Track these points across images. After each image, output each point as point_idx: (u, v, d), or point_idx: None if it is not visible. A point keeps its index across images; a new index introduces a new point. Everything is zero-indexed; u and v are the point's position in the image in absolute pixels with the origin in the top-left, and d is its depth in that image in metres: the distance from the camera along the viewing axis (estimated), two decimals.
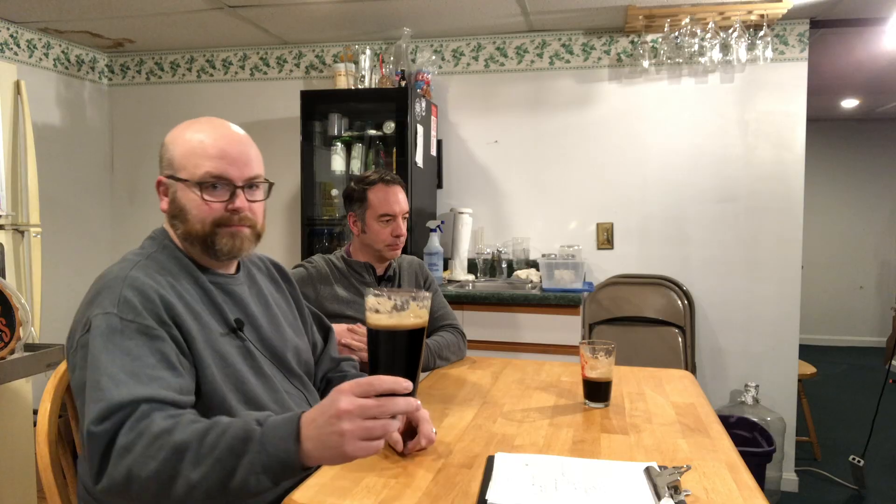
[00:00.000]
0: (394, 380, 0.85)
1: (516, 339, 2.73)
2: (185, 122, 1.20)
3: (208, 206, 1.13)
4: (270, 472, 0.84)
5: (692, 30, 2.90)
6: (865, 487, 3.03)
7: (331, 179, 3.19)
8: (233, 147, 1.15)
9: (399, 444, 1.13)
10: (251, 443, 0.84)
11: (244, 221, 1.16)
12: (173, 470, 0.85)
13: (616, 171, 3.19)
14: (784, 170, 3.03)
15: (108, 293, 1.04)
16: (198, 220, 1.13)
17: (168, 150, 1.17)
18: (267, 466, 0.83)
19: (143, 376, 0.95)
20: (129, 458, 0.87)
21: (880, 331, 6.22)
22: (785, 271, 3.04)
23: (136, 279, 1.05)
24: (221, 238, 1.14)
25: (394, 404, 0.84)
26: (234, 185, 1.14)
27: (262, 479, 0.84)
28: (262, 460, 0.83)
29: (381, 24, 3.16)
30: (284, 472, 0.84)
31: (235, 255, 1.18)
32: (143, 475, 0.85)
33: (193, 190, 1.13)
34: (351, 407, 0.82)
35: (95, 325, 1.00)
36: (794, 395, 3.08)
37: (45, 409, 1.14)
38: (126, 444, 0.88)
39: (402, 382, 0.85)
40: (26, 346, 1.98)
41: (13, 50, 3.18)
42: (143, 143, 3.76)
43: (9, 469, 2.10)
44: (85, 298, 1.07)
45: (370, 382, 0.84)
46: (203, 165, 1.12)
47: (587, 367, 1.42)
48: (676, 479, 0.97)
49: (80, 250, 3.60)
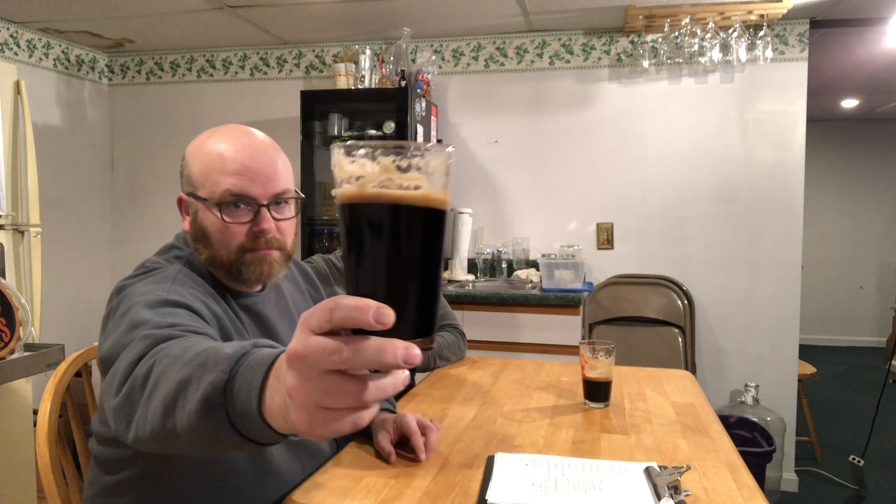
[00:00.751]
0: (356, 302, 0.42)
1: (516, 339, 2.73)
2: (206, 132, 1.09)
3: (230, 228, 1.02)
4: (238, 425, 0.59)
5: (692, 30, 2.90)
6: (865, 487, 3.03)
7: (330, 180, 3.18)
8: (256, 160, 1.03)
9: (392, 455, 1.09)
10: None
11: (272, 244, 1.04)
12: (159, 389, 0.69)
13: (616, 171, 3.19)
14: (784, 170, 3.03)
15: (156, 290, 0.94)
16: (222, 246, 1.03)
17: (187, 164, 1.07)
18: (235, 418, 0.59)
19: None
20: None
21: (880, 331, 6.22)
22: (785, 271, 3.04)
23: (181, 290, 0.98)
24: (248, 267, 1.04)
25: (357, 349, 0.42)
26: (259, 203, 1.03)
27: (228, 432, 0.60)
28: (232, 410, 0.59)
29: (381, 24, 3.16)
30: (251, 425, 0.57)
31: (264, 283, 1.09)
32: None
33: (213, 210, 1.02)
34: (298, 349, 0.44)
35: (142, 300, 0.90)
36: (794, 395, 3.08)
37: (45, 409, 1.14)
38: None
39: (372, 307, 0.42)
40: (26, 346, 1.98)
41: (13, 50, 3.18)
42: (143, 143, 3.76)
43: (9, 469, 2.10)
44: (116, 309, 0.94)
45: (327, 307, 0.43)
46: (222, 182, 1.01)
47: (587, 367, 1.42)
48: (676, 479, 0.97)
49: (80, 250, 3.60)
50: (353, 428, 0.45)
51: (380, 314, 0.42)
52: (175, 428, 0.65)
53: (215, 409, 0.60)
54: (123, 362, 0.77)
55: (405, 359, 0.42)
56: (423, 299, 0.47)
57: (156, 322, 0.83)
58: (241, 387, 0.57)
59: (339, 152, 0.47)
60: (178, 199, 1.09)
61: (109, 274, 3.78)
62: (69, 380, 1.22)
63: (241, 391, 0.57)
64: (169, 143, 3.71)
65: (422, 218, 0.46)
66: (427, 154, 0.46)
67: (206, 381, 0.61)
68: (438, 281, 0.49)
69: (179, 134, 3.69)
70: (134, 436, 0.70)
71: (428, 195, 0.46)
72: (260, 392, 0.55)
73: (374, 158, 0.45)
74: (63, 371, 1.20)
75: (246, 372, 0.58)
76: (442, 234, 0.49)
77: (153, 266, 1.06)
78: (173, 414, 0.65)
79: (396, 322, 0.43)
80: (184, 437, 0.64)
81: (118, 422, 0.73)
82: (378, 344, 0.42)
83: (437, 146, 0.47)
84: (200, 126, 1.21)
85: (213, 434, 0.61)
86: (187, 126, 3.67)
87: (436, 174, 0.46)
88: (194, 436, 0.63)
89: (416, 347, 0.43)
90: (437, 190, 0.47)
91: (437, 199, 0.47)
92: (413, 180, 0.46)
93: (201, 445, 0.65)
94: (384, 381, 0.45)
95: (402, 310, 0.44)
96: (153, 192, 3.75)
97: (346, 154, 0.46)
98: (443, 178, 0.47)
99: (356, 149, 0.46)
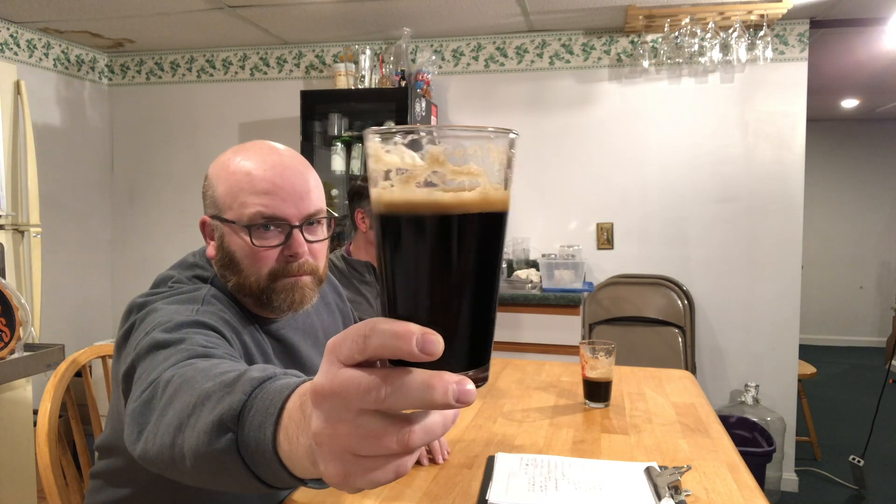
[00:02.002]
0: (397, 327, 0.35)
1: (516, 339, 2.73)
2: (231, 150, 1.01)
3: (260, 253, 0.95)
4: (247, 459, 0.53)
5: (692, 30, 2.90)
6: (865, 487, 3.03)
7: (331, 179, 3.19)
8: (286, 178, 0.96)
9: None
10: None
11: (304, 269, 0.98)
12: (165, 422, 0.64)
13: (616, 171, 3.19)
14: (784, 170, 3.03)
15: (184, 311, 0.90)
16: (252, 273, 0.96)
17: (211, 185, 0.99)
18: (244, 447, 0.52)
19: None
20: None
21: (880, 331, 6.22)
22: (785, 271, 3.04)
23: (211, 312, 0.92)
24: (279, 294, 0.97)
25: (399, 385, 0.35)
26: (290, 224, 0.96)
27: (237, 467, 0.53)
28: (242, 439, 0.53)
29: (381, 24, 3.16)
30: (262, 462, 0.50)
31: (295, 311, 1.01)
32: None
33: (242, 234, 0.95)
34: (326, 385, 0.37)
35: (173, 320, 0.85)
36: (794, 395, 3.08)
37: (45, 409, 1.14)
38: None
39: (415, 333, 0.35)
40: (26, 346, 1.98)
41: (13, 50, 3.18)
42: (143, 143, 3.76)
43: (9, 469, 2.10)
44: (139, 324, 0.89)
45: (360, 332, 0.36)
46: (251, 203, 0.94)
47: (587, 367, 1.42)
48: (677, 479, 0.97)
49: (80, 250, 3.59)
50: (395, 477, 0.38)
51: (426, 342, 0.34)
52: (182, 447, 0.58)
53: (224, 434, 0.53)
54: (152, 369, 0.73)
55: (457, 396, 0.34)
56: (478, 321, 0.39)
57: (191, 339, 0.78)
58: (258, 413, 0.50)
59: (375, 140, 0.37)
60: (202, 223, 1.02)
61: (109, 274, 3.78)
62: (69, 380, 1.22)
63: (257, 418, 0.50)
64: (169, 143, 3.71)
65: (479, 224, 0.37)
66: (486, 141, 0.37)
67: (226, 400, 0.54)
68: (495, 298, 0.40)
69: (179, 134, 3.69)
70: (142, 448, 0.64)
71: (486, 195, 0.37)
72: (275, 425, 0.47)
73: (419, 147, 0.36)
74: (63, 371, 1.20)
75: (266, 396, 0.51)
76: (502, 241, 0.40)
77: (178, 286, 0.99)
78: (183, 431, 0.59)
79: (446, 350, 0.35)
80: (189, 460, 0.58)
81: (130, 428, 0.68)
82: (424, 379, 0.34)
83: (497, 130, 0.37)
84: (200, 126, 1.20)
85: (219, 462, 0.54)
86: (187, 126, 3.67)
87: (495, 167, 0.37)
88: (199, 459, 0.56)
89: (469, 382, 0.35)
90: (496, 187, 0.38)
91: (498, 200, 0.38)
92: (468, 175, 0.37)
93: (206, 472, 0.57)
94: (432, 422, 0.37)
95: (452, 336, 0.36)
96: (153, 192, 3.75)
97: (384, 141, 0.37)
98: (503, 172, 0.38)
99: (397, 134, 0.37)
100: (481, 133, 0.37)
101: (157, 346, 0.78)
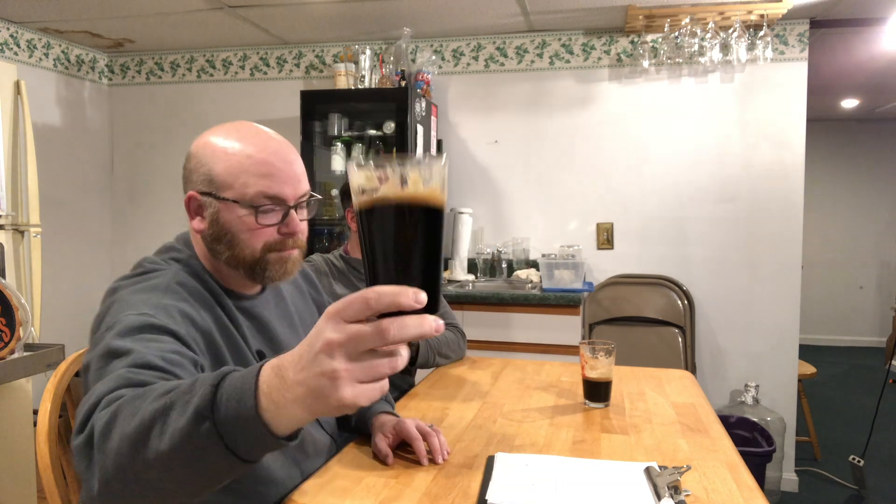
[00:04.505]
0: (397, 290, 0.54)
1: (516, 339, 2.73)
2: (214, 130, 1.06)
3: (260, 230, 1.02)
4: (225, 435, 0.60)
5: (692, 30, 2.90)
6: (865, 487, 3.03)
7: (331, 179, 3.19)
8: (282, 161, 1.03)
9: (389, 457, 1.10)
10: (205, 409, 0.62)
11: (296, 244, 1.07)
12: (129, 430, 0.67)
13: (616, 171, 3.19)
14: (784, 170, 3.03)
15: (142, 305, 0.93)
16: (247, 247, 1.02)
17: (203, 163, 1.03)
18: (223, 429, 0.59)
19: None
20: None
21: (880, 331, 6.22)
22: (785, 271, 3.04)
23: (168, 305, 0.95)
24: (273, 265, 1.05)
25: (401, 327, 0.54)
26: (288, 205, 1.03)
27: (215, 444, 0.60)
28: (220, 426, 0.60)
29: (381, 24, 3.16)
30: (244, 429, 0.59)
31: (284, 279, 1.09)
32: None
33: (242, 212, 1.01)
34: (341, 337, 0.54)
35: (125, 321, 0.89)
36: (794, 395, 3.08)
37: (45, 409, 1.14)
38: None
39: (410, 292, 0.54)
40: (26, 346, 1.98)
41: (13, 50, 3.18)
42: (143, 143, 3.76)
43: (9, 469, 2.10)
44: (105, 315, 0.94)
45: (364, 298, 0.54)
46: (254, 184, 1.00)
47: (587, 367, 1.42)
48: (676, 479, 0.97)
49: (80, 250, 3.60)
50: (392, 371, 0.56)
51: (418, 296, 0.54)
52: (148, 458, 0.62)
53: (202, 423, 0.59)
54: (91, 398, 0.74)
55: (436, 327, 0.55)
56: (430, 276, 0.59)
57: (133, 359, 0.81)
58: (231, 396, 0.59)
59: (353, 167, 0.59)
60: (189, 198, 1.05)
61: (109, 274, 3.77)
62: (69, 380, 1.22)
63: (232, 398, 0.59)
64: (169, 143, 3.71)
65: (424, 213, 0.58)
66: (423, 166, 0.58)
67: (194, 400, 0.61)
68: (441, 267, 0.62)
69: (179, 134, 3.69)
70: (101, 477, 0.67)
71: (428, 196, 0.58)
72: (255, 397, 0.58)
73: (382, 171, 0.57)
74: (63, 371, 1.20)
75: (234, 383, 0.60)
76: (441, 227, 0.60)
77: (150, 268, 1.04)
78: (147, 444, 0.63)
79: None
80: (159, 465, 0.62)
81: (79, 460, 0.70)
82: (416, 319, 0.54)
83: (430, 158, 0.59)
84: (201, 126, 1.19)
85: (198, 450, 0.60)
86: (187, 126, 3.67)
87: (433, 180, 0.58)
88: (175, 459, 0.61)
89: (437, 321, 0.56)
90: (433, 191, 0.58)
91: (434, 198, 0.59)
92: (413, 183, 0.57)
93: (181, 468, 0.62)
94: (406, 320, 0.54)
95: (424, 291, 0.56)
96: (153, 192, 3.75)
97: (359, 169, 0.58)
98: (440, 183, 0.59)
99: (367, 165, 0.58)
100: (419, 161, 0.58)
101: (109, 354, 0.83)
